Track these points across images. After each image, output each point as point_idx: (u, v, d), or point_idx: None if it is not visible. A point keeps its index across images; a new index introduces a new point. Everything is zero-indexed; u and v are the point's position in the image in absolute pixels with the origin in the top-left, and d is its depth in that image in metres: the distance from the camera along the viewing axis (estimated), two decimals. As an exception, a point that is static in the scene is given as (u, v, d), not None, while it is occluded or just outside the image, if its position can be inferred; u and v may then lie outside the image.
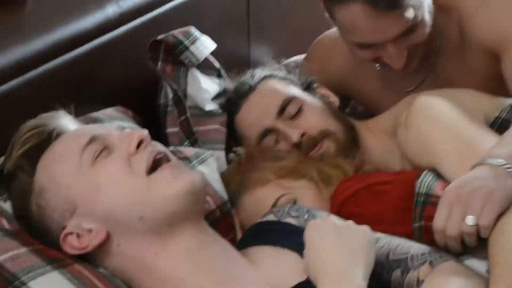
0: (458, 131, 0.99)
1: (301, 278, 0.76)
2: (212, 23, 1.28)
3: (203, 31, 1.14)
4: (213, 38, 1.17)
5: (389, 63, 1.06)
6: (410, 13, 1.00)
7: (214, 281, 0.78)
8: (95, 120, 1.01)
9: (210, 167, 1.02)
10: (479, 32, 1.07)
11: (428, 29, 1.05)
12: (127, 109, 1.07)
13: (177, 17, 1.17)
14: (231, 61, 1.27)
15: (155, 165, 0.78)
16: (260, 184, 1.03)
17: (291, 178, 1.03)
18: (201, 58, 1.11)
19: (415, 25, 1.01)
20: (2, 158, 0.87)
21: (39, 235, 0.84)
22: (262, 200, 1.02)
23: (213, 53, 1.17)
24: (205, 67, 1.15)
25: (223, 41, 1.22)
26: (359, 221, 0.84)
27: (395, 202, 0.97)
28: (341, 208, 0.98)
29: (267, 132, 1.08)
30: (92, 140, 0.80)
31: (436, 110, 1.01)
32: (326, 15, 1.09)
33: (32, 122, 0.84)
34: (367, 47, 1.05)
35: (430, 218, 0.88)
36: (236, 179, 1.07)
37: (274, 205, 0.98)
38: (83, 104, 0.94)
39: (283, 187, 1.01)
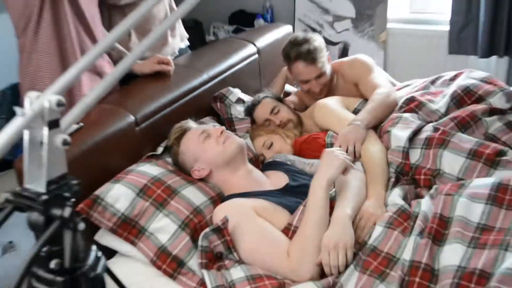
0: (338, 113, 1.75)
1: (286, 182, 1.49)
2: (245, 77, 2.15)
3: (240, 83, 2.04)
4: (245, 83, 2.08)
5: (313, 90, 1.91)
6: (320, 66, 1.87)
7: (252, 185, 1.46)
8: (202, 122, 1.77)
9: (248, 140, 1.77)
10: (348, 77, 1.96)
11: (328, 77, 1.93)
12: (213, 117, 1.90)
13: (229, 79, 2.03)
14: (253, 90, 2.13)
15: (226, 139, 1.49)
16: (258, 136, 1.79)
17: (271, 134, 1.79)
18: (234, 100, 1.91)
19: (323, 73, 1.90)
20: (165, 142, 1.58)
21: (182, 170, 1.51)
22: (259, 142, 1.78)
23: (245, 87, 2.03)
24: (237, 101, 1.95)
25: (249, 84, 2.15)
26: (308, 153, 1.65)
27: (320, 143, 1.68)
28: (300, 148, 1.72)
29: (266, 120, 1.90)
30: (202, 131, 1.51)
31: (327, 104, 1.81)
32: (283, 70, 2.03)
33: (178, 124, 1.59)
34: (305, 82, 1.92)
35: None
36: (251, 134, 1.82)
37: (263, 144, 1.75)
38: (196, 115, 1.76)
39: (267, 136, 1.77)
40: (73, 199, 0.65)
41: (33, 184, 0.65)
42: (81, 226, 0.65)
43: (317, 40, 1.90)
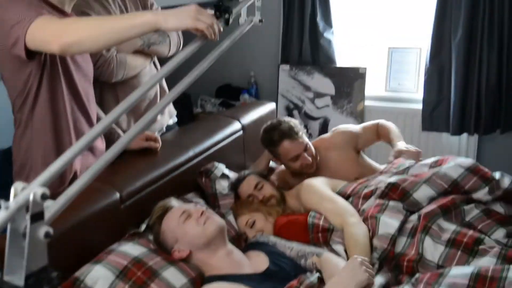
0: (322, 194, 1.78)
1: (266, 265, 1.46)
2: (230, 153, 2.17)
3: (225, 158, 2.06)
4: (230, 158, 2.11)
5: (306, 162, 1.98)
6: (304, 138, 1.98)
7: (233, 267, 1.44)
8: (186, 199, 1.78)
9: (231, 217, 1.80)
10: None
11: (313, 150, 2.02)
12: (197, 192, 1.90)
13: (214, 155, 2.05)
14: (238, 166, 2.19)
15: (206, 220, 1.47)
16: (241, 214, 1.80)
17: (253, 212, 1.78)
18: (219, 175, 1.93)
19: (307, 145, 1.99)
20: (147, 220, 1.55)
21: (164, 250, 1.48)
22: (241, 220, 1.78)
23: (230, 163, 2.05)
24: (222, 176, 1.95)
25: (234, 159, 2.18)
26: (287, 237, 1.63)
27: (301, 226, 1.67)
28: (279, 230, 1.71)
29: (249, 196, 1.92)
30: (183, 212, 1.50)
31: (313, 185, 1.84)
32: (267, 152, 2.09)
33: (160, 203, 1.57)
34: (296, 159, 1.98)
35: (317, 233, 1.63)
36: (234, 212, 1.82)
37: (246, 223, 1.74)
38: (181, 191, 1.80)
39: (250, 215, 1.76)
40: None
41: (12, 276, 0.65)
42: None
43: (290, 120, 2.04)
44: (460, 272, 1.29)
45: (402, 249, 1.51)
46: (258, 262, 1.51)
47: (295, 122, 2.02)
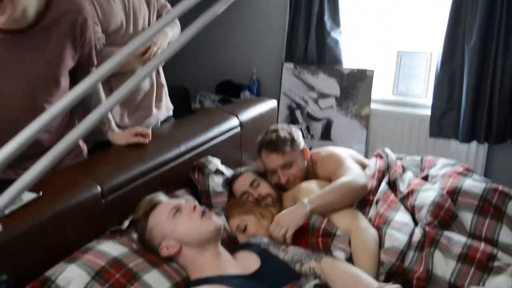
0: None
1: (257, 266, 1.34)
2: (226, 150, 2.02)
3: (220, 155, 1.91)
4: (225, 155, 1.96)
5: (277, 180, 1.80)
6: (285, 155, 1.77)
7: (219, 267, 1.32)
8: (175, 195, 1.66)
9: (222, 218, 1.65)
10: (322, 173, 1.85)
11: (300, 169, 1.80)
12: (190, 189, 1.78)
13: (209, 151, 1.90)
14: (234, 164, 2.02)
15: (203, 214, 1.36)
16: (232, 217, 1.65)
17: (245, 215, 1.63)
18: (213, 170, 1.81)
19: (288, 164, 1.79)
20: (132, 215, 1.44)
21: (148, 249, 1.36)
22: (232, 224, 1.64)
23: (225, 159, 1.91)
24: (216, 172, 1.83)
25: (230, 157, 2.03)
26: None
27: (301, 229, 1.54)
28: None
29: (244, 193, 1.79)
30: (174, 207, 1.38)
31: (311, 188, 1.71)
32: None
33: (147, 197, 1.45)
34: (272, 173, 1.81)
35: (317, 237, 1.48)
36: (225, 213, 1.68)
37: (237, 227, 1.61)
38: (170, 187, 1.66)
39: (241, 219, 1.62)
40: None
41: None
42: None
43: (288, 132, 1.84)
44: None
45: (410, 264, 1.40)
46: (248, 263, 1.39)
47: (286, 137, 1.82)
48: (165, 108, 2.15)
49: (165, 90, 2.15)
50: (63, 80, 1.50)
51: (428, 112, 3.14)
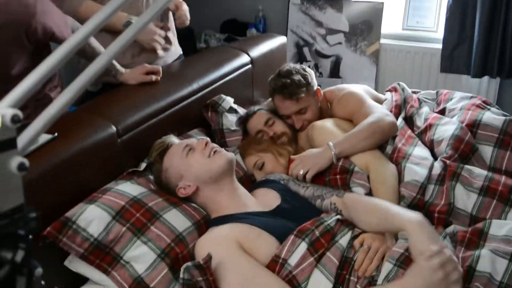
0: (337, 135, 1.58)
1: (278, 202, 1.33)
2: (237, 88, 1.96)
3: (232, 93, 1.84)
4: (237, 93, 1.89)
5: (295, 125, 1.74)
6: (299, 101, 1.68)
7: (238, 205, 1.30)
8: (189, 135, 1.62)
9: (237, 156, 1.60)
10: (340, 115, 1.75)
11: (314, 112, 1.73)
12: (203, 128, 1.73)
13: (220, 89, 1.84)
14: (246, 101, 1.99)
15: (214, 152, 1.33)
16: (249, 154, 1.62)
17: (263, 153, 1.60)
18: (227, 108, 1.76)
19: (303, 109, 1.71)
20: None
21: (167, 190, 1.34)
22: (249, 161, 1.61)
23: (237, 97, 1.85)
24: (230, 110, 1.79)
25: (242, 94, 1.98)
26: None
27: None
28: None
29: (259, 131, 1.74)
30: (186, 145, 1.36)
31: (325, 126, 1.64)
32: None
33: (160, 139, 1.42)
34: (286, 117, 1.75)
35: (335, 175, 1.45)
36: (241, 151, 1.65)
37: (254, 165, 1.58)
38: (184, 127, 1.62)
39: (259, 156, 1.60)
40: (29, 237, 0.53)
41: (-20, 218, 0.51)
42: (38, 271, 0.53)
43: (302, 76, 1.72)
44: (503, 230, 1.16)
45: (431, 198, 1.38)
46: (268, 200, 1.36)
47: (299, 81, 1.70)
48: (174, 52, 2.06)
49: (173, 32, 2.05)
50: (17, 68, 1.41)
51: (439, 46, 3.04)
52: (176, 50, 2.08)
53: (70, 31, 1.45)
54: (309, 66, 3.35)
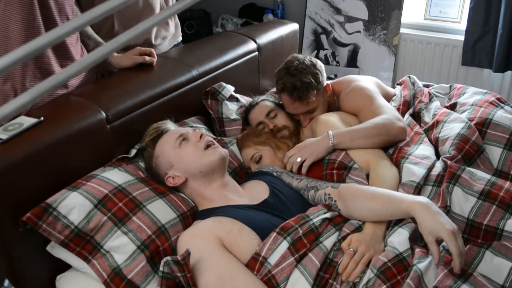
0: (337, 127, 1.49)
1: (266, 196, 1.26)
2: (241, 76, 1.86)
3: (235, 81, 1.75)
4: (241, 81, 1.79)
5: (301, 123, 1.64)
6: (308, 103, 1.56)
7: (226, 198, 1.25)
8: (185, 124, 1.54)
9: (234, 146, 1.56)
10: (348, 107, 1.64)
11: (321, 112, 1.60)
12: (202, 117, 1.66)
13: (223, 76, 1.75)
14: (251, 90, 1.90)
15: (208, 146, 1.28)
16: (247, 146, 1.55)
17: (261, 146, 1.53)
18: (227, 96, 1.67)
19: (312, 110, 1.60)
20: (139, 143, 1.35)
21: (155, 178, 1.30)
22: (247, 154, 1.54)
23: (242, 85, 1.77)
24: (230, 98, 1.70)
25: (246, 82, 1.88)
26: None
27: (315, 162, 1.43)
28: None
29: (260, 123, 1.66)
30: (180, 135, 1.29)
31: (329, 120, 1.54)
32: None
33: (155, 124, 1.37)
34: (294, 115, 1.65)
35: (332, 170, 1.37)
36: (239, 143, 1.57)
37: (252, 157, 1.50)
38: (181, 114, 1.53)
39: (257, 149, 1.52)
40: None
41: None
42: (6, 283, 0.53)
43: (313, 74, 1.58)
44: None
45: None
46: (257, 193, 1.30)
47: (310, 82, 1.56)
48: (173, 37, 1.96)
49: (175, 19, 1.96)
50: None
51: (461, 38, 2.85)
52: (175, 34, 1.97)
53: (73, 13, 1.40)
54: (326, 55, 3.23)
